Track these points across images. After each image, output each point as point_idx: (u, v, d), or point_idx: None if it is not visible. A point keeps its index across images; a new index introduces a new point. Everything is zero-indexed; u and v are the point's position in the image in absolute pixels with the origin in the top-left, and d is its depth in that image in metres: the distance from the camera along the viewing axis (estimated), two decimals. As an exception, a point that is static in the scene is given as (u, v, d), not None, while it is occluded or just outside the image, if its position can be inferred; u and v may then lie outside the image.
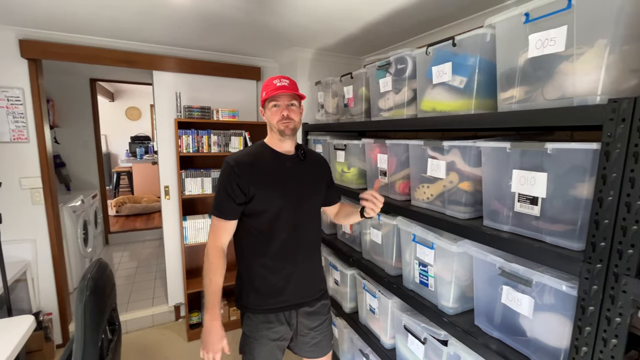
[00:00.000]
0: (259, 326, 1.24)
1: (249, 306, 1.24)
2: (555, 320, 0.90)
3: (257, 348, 1.24)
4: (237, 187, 1.16)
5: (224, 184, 1.18)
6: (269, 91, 1.20)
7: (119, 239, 4.36)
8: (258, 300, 1.23)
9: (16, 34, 1.98)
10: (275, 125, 1.22)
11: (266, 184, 1.20)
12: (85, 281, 0.86)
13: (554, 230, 0.89)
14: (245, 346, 1.27)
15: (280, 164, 1.25)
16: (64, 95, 3.56)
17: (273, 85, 1.21)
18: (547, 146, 0.87)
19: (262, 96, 1.24)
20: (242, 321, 1.28)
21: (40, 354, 2.12)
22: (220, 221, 1.20)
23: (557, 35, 0.84)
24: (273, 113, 1.21)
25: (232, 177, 1.16)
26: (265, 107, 1.24)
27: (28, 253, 2.17)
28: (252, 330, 1.24)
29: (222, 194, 1.18)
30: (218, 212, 1.19)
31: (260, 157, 1.24)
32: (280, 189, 1.21)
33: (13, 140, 2.05)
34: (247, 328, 1.26)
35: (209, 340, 1.15)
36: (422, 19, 1.74)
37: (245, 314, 1.26)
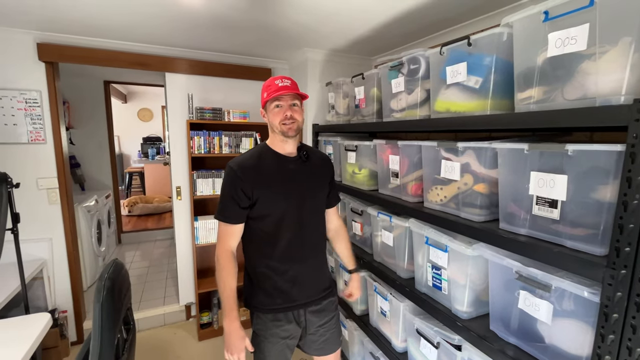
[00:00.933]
0: (268, 325, 1.25)
1: (258, 306, 1.26)
2: (575, 327, 0.88)
3: (267, 346, 1.26)
4: (241, 192, 1.16)
5: (227, 189, 1.18)
6: (271, 92, 1.18)
7: (131, 238, 4.44)
8: (266, 300, 1.25)
9: (34, 37, 2.03)
10: (277, 127, 1.20)
11: (269, 188, 1.19)
12: (102, 281, 0.88)
13: (575, 234, 0.86)
14: (256, 345, 1.28)
15: (283, 166, 1.24)
16: (79, 97, 3.64)
17: (275, 85, 1.18)
18: (567, 147, 0.85)
19: (264, 97, 1.23)
20: (252, 320, 1.30)
21: (56, 350, 2.17)
22: (226, 226, 1.21)
23: (579, 33, 0.81)
24: (275, 114, 1.20)
25: (235, 181, 1.16)
26: (267, 108, 1.23)
27: (45, 251, 2.22)
28: (262, 329, 1.26)
29: (227, 199, 1.18)
30: (223, 216, 1.20)
31: (262, 160, 1.22)
32: (284, 192, 1.21)
33: (31, 142, 2.10)
34: (257, 327, 1.28)
35: (231, 342, 1.17)
36: (435, 19, 1.72)
37: (255, 314, 1.28)
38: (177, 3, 1.56)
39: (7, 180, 1.50)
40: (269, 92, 1.19)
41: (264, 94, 1.22)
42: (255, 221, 1.22)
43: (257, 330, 1.29)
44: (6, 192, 1.49)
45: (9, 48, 1.99)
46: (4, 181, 1.48)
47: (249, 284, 1.29)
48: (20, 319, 1.44)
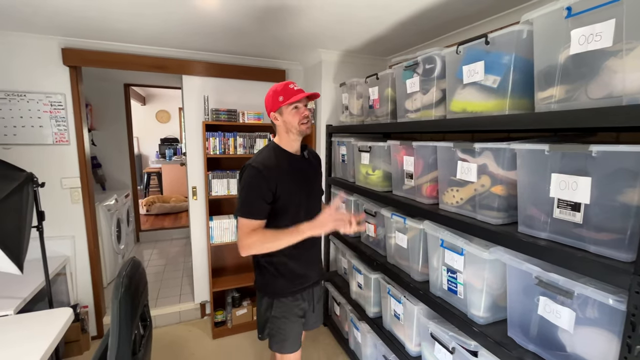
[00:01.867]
0: (289, 306, 1.39)
1: (279, 292, 1.38)
2: (599, 335, 0.84)
3: (289, 326, 1.39)
4: (267, 189, 1.25)
5: (254, 187, 1.25)
6: (289, 95, 1.29)
7: (149, 237, 4.55)
8: (287, 284, 1.38)
9: (59, 43, 2.11)
10: (296, 127, 1.32)
11: (288, 184, 1.30)
12: (120, 278, 0.90)
13: (599, 239, 0.83)
14: (276, 329, 1.39)
15: (294, 163, 1.37)
16: (101, 99, 3.77)
17: (291, 90, 1.30)
18: (591, 148, 0.81)
19: (279, 101, 1.31)
20: (272, 308, 1.39)
21: (77, 344, 2.24)
22: (251, 221, 1.26)
23: (604, 29, 0.78)
24: (294, 115, 1.31)
25: (262, 180, 1.25)
26: (283, 110, 1.32)
27: (67, 249, 2.30)
28: (284, 312, 1.39)
29: (253, 196, 1.25)
30: (249, 213, 1.26)
31: (279, 159, 1.33)
32: (298, 187, 1.34)
33: (55, 143, 2.19)
34: (278, 311, 1.38)
35: (325, 219, 1.22)
36: (452, 17, 1.69)
37: (275, 300, 1.38)
38: (195, 9, 1.59)
39: (33, 180, 1.57)
40: (286, 96, 1.29)
41: (279, 97, 1.30)
42: (275, 215, 1.31)
43: (277, 314, 1.38)
44: (32, 191, 1.56)
45: (36, 53, 2.08)
46: (30, 180, 1.55)
47: (266, 275, 1.39)
48: (45, 312, 1.50)
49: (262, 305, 1.42)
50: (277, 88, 1.33)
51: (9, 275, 1.81)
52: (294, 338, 1.42)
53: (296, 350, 1.43)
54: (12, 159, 2.01)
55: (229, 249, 2.73)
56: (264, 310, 1.41)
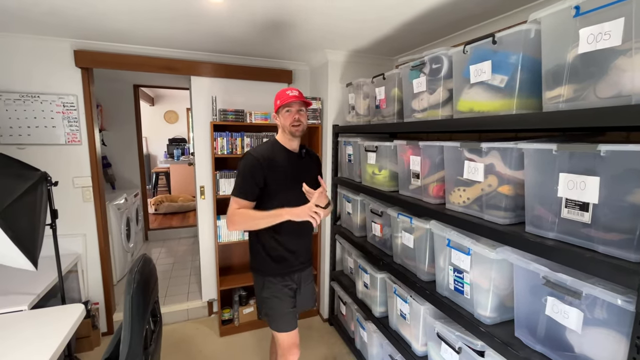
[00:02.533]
0: (278, 286, 1.55)
1: (269, 271, 1.55)
2: (608, 336, 0.83)
3: (281, 303, 1.54)
4: (259, 175, 1.44)
5: (250, 171, 1.44)
6: (284, 99, 1.49)
7: (157, 235, 4.61)
8: (276, 266, 1.55)
9: (71, 45, 2.16)
10: (288, 127, 1.51)
11: (279, 174, 1.48)
12: (132, 274, 0.92)
13: (608, 239, 0.82)
14: (269, 308, 1.55)
15: (289, 158, 1.54)
16: (111, 100, 3.83)
17: (286, 95, 1.50)
18: (600, 148, 0.81)
19: (277, 104, 1.53)
20: (263, 288, 1.55)
21: (88, 340, 2.29)
22: (243, 201, 1.44)
23: (613, 28, 0.78)
24: (286, 117, 1.50)
25: (256, 166, 1.44)
26: (279, 112, 1.53)
27: (79, 246, 2.35)
28: (275, 290, 1.54)
29: (248, 179, 1.44)
30: (243, 193, 1.44)
31: (275, 152, 1.52)
32: (288, 178, 1.50)
33: (68, 143, 2.24)
34: (269, 291, 1.54)
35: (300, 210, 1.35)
36: (459, 16, 1.68)
37: (266, 279, 1.55)
38: (203, 10, 1.61)
39: (47, 179, 1.61)
40: (281, 100, 1.50)
41: (277, 101, 1.53)
42: (268, 201, 1.47)
43: (268, 294, 1.54)
44: (46, 189, 1.60)
45: (50, 55, 2.13)
46: (44, 180, 1.59)
47: (260, 255, 1.55)
48: (58, 308, 1.53)
49: (257, 285, 1.59)
50: (278, 92, 1.55)
51: (23, 272, 1.86)
52: (288, 317, 1.55)
53: (292, 329, 1.55)
54: (27, 158, 2.06)
55: (237, 248, 2.76)
56: (259, 291, 1.58)
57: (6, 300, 1.60)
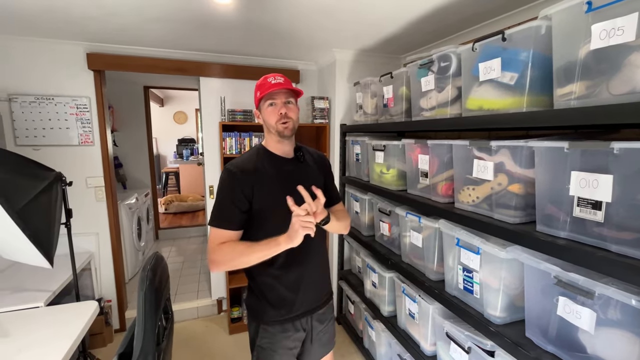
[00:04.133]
0: (277, 337, 1.17)
1: (265, 319, 1.18)
2: (621, 337, 0.82)
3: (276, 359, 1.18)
4: (241, 194, 1.08)
5: (226, 192, 1.09)
6: (264, 89, 1.13)
7: (168, 234, 4.68)
8: (273, 312, 1.16)
9: (84, 48, 2.21)
10: (273, 126, 1.14)
11: (269, 190, 1.11)
12: (145, 272, 0.95)
13: (621, 238, 0.81)
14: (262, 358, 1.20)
15: (280, 167, 1.17)
16: (122, 102, 3.90)
17: (268, 83, 1.14)
18: (613, 145, 0.80)
19: (257, 96, 1.17)
20: (257, 335, 1.19)
21: (101, 336, 2.34)
22: (220, 231, 1.08)
23: (626, 23, 0.76)
24: (270, 112, 1.14)
25: (235, 184, 1.09)
26: (261, 107, 1.17)
27: (92, 245, 2.41)
28: (271, 342, 1.18)
29: (226, 203, 1.08)
30: (221, 222, 1.08)
31: (261, 161, 1.15)
32: (283, 194, 1.01)
33: (81, 144, 2.29)
34: (264, 341, 1.18)
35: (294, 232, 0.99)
36: (467, 14, 1.67)
37: (261, 327, 1.18)
38: (212, 12, 1.63)
39: (62, 179, 1.65)
40: (261, 91, 1.14)
41: (257, 92, 1.17)
42: (255, 227, 1.12)
43: (263, 345, 1.18)
44: (61, 189, 1.64)
45: (64, 58, 2.19)
46: (59, 180, 1.63)
47: (254, 297, 1.20)
48: (73, 305, 1.57)
49: (251, 328, 1.23)
50: (258, 82, 1.18)
51: (39, 269, 1.91)
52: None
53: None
54: (42, 159, 2.11)
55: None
56: (252, 335, 1.23)
57: (23, 297, 1.65)
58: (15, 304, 1.58)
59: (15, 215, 1.31)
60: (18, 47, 2.09)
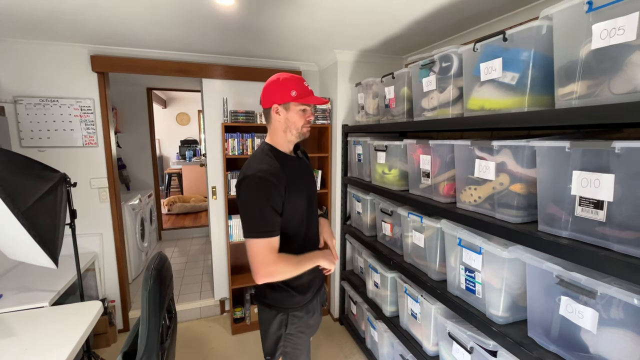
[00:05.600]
0: (303, 319, 1.29)
1: (295, 306, 1.26)
2: (624, 336, 0.82)
3: (304, 340, 1.30)
4: (278, 198, 1.11)
5: (265, 200, 1.09)
6: (304, 94, 1.16)
7: (170, 235, 4.70)
8: (300, 298, 1.26)
9: (88, 50, 2.23)
10: (299, 128, 1.20)
11: (293, 188, 1.17)
12: (149, 271, 0.96)
13: (623, 238, 0.81)
14: (291, 346, 1.27)
15: (292, 165, 1.23)
16: (125, 103, 3.93)
17: (306, 88, 1.18)
18: (614, 145, 0.80)
19: (291, 95, 1.15)
20: (286, 325, 1.25)
21: (105, 336, 2.36)
22: (270, 240, 1.09)
23: (627, 23, 0.77)
24: (301, 116, 1.19)
25: (272, 190, 1.09)
26: (291, 107, 1.17)
27: (96, 245, 2.43)
28: (301, 326, 1.28)
29: (267, 211, 1.09)
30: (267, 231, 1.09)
31: (280, 163, 1.18)
32: (300, 189, 1.20)
33: (85, 145, 2.31)
34: (293, 327, 1.26)
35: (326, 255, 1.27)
36: (468, 15, 1.67)
37: (290, 315, 1.25)
38: (215, 13, 1.64)
39: (67, 180, 1.67)
40: (300, 93, 1.16)
41: (292, 91, 1.15)
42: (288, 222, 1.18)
43: (293, 331, 1.26)
44: (66, 190, 1.65)
45: (68, 61, 2.21)
46: (63, 181, 1.65)
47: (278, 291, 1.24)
48: (77, 305, 1.59)
49: (274, 323, 1.26)
50: (288, 78, 1.17)
51: (44, 270, 1.94)
52: (308, 351, 1.34)
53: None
54: (47, 160, 2.14)
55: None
56: (276, 329, 1.26)
57: (28, 297, 1.66)
58: (21, 303, 1.59)
59: (21, 216, 1.32)
60: (23, 49, 2.12)
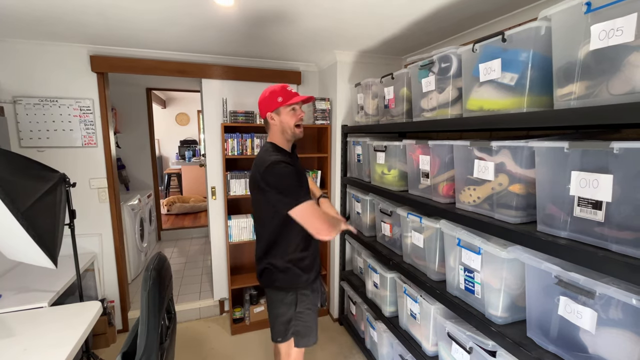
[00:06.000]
0: (311, 297, 1.48)
1: (303, 285, 1.44)
2: (623, 336, 0.82)
3: (311, 316, 1.49)
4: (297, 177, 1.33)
5: (293, 176, 1.31)
6: (289, 97, 1.36)
7: (170, 235, 4.70)
8: (306, 276, 1.45)
9: (87, 50, 2.23)
10: (292, 128, 1.40)
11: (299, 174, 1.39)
12: (148, 271, 0.96)
13: (622, 238, 0.81)
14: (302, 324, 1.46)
15: (293, 159, 1.45)
16: (125, 103, 3.93)
17: (289, 92, 1.38)
18: (613, 145, 0.80)
19: (278, 102, 1.36)
20: (296, 304, 1.44)
21: (104, 337, 2.35)
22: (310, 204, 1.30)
23: (625, 24, 0.77)
24: (291, 116, 1.38)
25: (294, 170, 1.32)
26: (281, 111, 1.39)
27: (95, 246, 2.42)
28: (307, 303, 1.46)
29: (297, 185, 1.31)
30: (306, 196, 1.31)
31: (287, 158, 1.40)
32: (303, 181, 1.44)
33: (84, 145, 2.31)
34: (303, 305, 1.45)
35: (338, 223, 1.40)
36: (467, 15, 1.67)
37: (299, 294, 1.44)
38: (214, 14, 1.65)
39: (66, 180, 1.67)
40: (285, 97, 1.37)
41: (278, 98, 1.36)
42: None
43: (302, 309, 1.46)
44: (65, 190, 1.65)
45: (68, 61, 2.21)
46: (63, 181, 1.65)
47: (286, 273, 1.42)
48: (76, 305, 1.59)
49: (283, 303, 1.43)
50: (274, 89, 1.39)
51: (43, 270, 1.93)
52: (316, 327, 1.53)
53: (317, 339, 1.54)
54: (46, 160, 2.14)
55: (247, 247, 2.80)
56: (286, 309, 1.43)
57: (27, 297, 1.66)
58: (20, 304, 1.59)
59: (20, 216, 1.32)
60: (22, 50, 2.11)
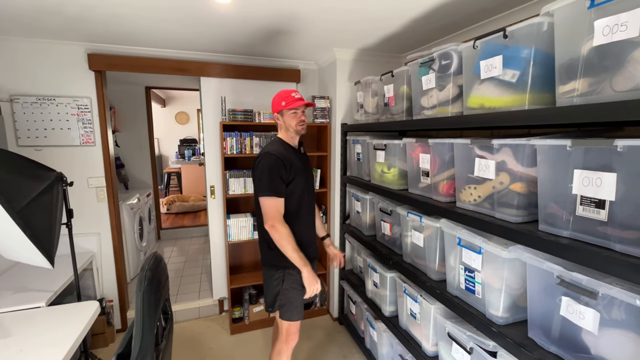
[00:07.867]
0: (296, 277, 1.59)
1: (288, 265, 1.56)
2: (626, 338, 0.81)
3: (297, 295, 1.61)
4: (284, 172, 1.52)
5: (275, 171, 1.50)
6: (290, 102, 1.59)
7: (169, 234, 4.69)
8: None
9: (85, 48, 2.21)
10: (294, 127, 1.63)
11: (296, 171, 1.58)
12: (143, 272, 0.94)
13: (625, 237, 0.79)
14: (286, 299, 1.60)
15: (297, 155, 1.66)
16: (123, 102, 3.91)
17: (292, 97, 1.60)
18: (616, 143, 0.78)
19: (281, 105, 1.60)
20: (283, 281, 1.60)
21: (103, 336, 2.35)
22: (276, 200, 1.51)
23: (630, 19, 0.75)
24: (292, 118, 1.61)
25: (280, 166, 1.51)
26: (284, 113, 1.62)
27: (94, 245, 2.41)
28: (292, 282, 1.60)
29: (276, 179, 1.50)
30: (275, 192, 1.50)
31: (288, 151, 1.61)
32: (301, 173, 1.62)
33: (82, 144, 2.29)
34: (287, 283, 1.60)
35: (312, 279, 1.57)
36: (468, 12, 1.65)
37: (286, 272, 1.59)
38: (212, 12, 1.63)
39: (63, 179, 1.65)
40: (287, 102, 1.59)
41: (282, 102, 1.60)
42: (287, 198, 1.56)
43: (287, 286, 1.60)
44: (62, 189, 1.64)
45: (65, 59, 2.19)
46: (60, 180, 1.63)
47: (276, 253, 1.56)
48: (74, 305, 1.57)
49: (273, 279, 1.62)
50: (281, 94, 1.62)
51: (41, 270, 1.92)
52: (301, 306, 1.64)
53: (302, 317, 1.67)
54: (43, 159, 2.13)
55: (247, 247, 2.78)
56: (275, 284, 1.61)
57: (24, 297, 1.65)
58: (17, 304, 1.58)
59: (16, 216, 1.31)
60: (20, 48, 2.10)
